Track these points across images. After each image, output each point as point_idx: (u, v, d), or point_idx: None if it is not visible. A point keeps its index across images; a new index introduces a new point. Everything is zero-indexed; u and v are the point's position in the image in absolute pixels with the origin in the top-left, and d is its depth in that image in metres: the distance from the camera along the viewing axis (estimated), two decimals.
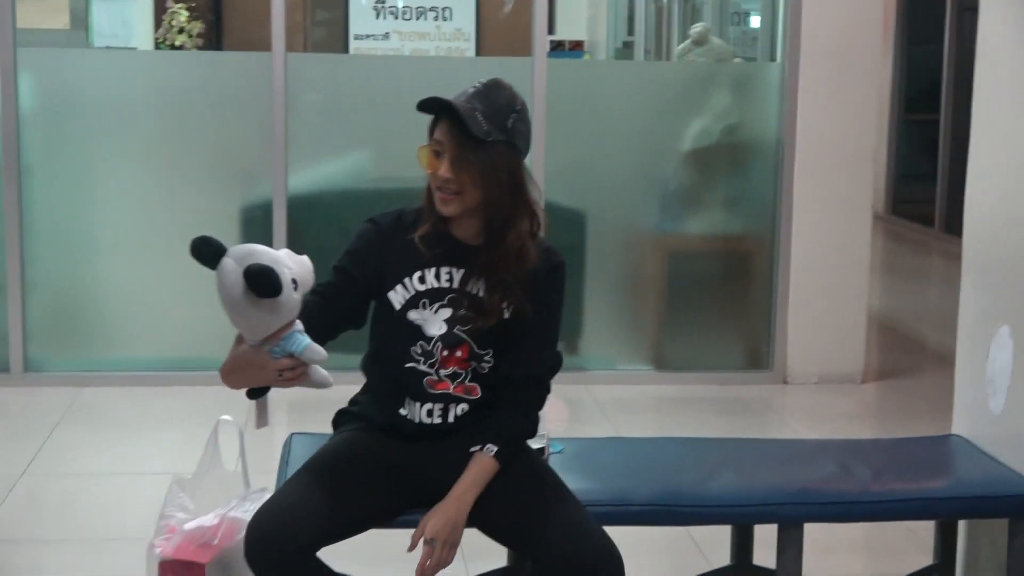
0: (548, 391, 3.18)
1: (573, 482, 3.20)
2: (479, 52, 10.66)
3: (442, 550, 2.95)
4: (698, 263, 6.73)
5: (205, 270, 2.85)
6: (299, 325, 2.89)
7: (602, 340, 6.66)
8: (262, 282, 2.79)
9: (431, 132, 3.06)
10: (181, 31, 9.45)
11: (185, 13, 9.49)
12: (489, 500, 3.01)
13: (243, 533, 3.21)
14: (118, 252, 6.42)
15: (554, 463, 3.40)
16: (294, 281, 2.85)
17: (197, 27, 9.58)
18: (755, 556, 3.74)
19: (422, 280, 3.08)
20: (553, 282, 3.13)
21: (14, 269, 6.17)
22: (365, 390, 3.23)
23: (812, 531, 3.45)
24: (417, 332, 3.07)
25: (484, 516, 3.02)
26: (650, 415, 6.04)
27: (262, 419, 2.98)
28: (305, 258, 2.95)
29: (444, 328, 3.07)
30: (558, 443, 3.58)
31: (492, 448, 3.04)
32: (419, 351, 3.07)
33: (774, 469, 3.52)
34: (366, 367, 3.21)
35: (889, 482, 3.44)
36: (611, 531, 3.03)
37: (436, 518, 2.97)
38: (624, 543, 3.00)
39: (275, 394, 3.00)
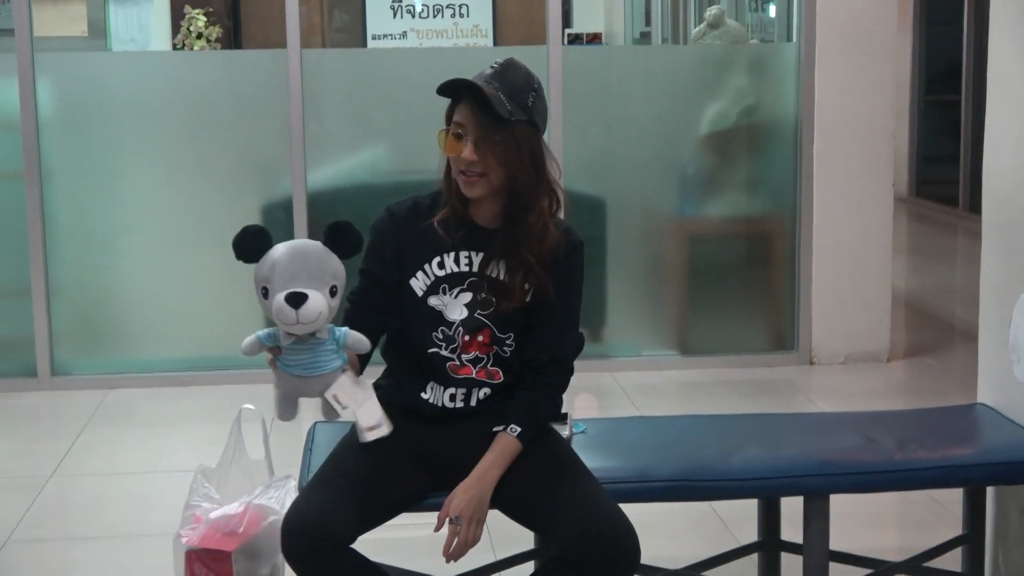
0: (571, 373, 3.18)
1: (596, 461, 3.20)
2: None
3: (468, 528, 2.95)
4: (720, 246, 6.72)
5: (228, 269, 2.87)
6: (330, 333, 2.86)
7: (626, 327, 6.65)
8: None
9: (449, 116, 3.06)
10: (199, 36, 9.48)
11: (203, 18, 9.52)
12: (507, 479, 3.01)
13: (269, 520, 3.24)
14: (141, 254, 6.44)
15: (577, 443, 3.40)
16: (334, 288, 2.82)
17: (215, 32, 9.61)
18: (783, 532, 3.73)
19: (441, 265, 3.08)
20: (573, 263, 3.13)
21: (38, 274, 6.20)
22: (387, 375, 3.22)
23: (840, 506, 3.44)
24: (438, 317, 3.07)
25: (502, 495, 3.02)
26: (676, 399, 6.02)
27: (288, 411, 2.95)
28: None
29: (465, 313, 3.07)
30: (581, 423, 3.58)
31: (516, 428, 3.04)
32: (441, 336, 3.07)
33: (798, 442, 3.51)
34: (387, 352, 3.21)
35: (914, 451, 3.42)
36: (635, 508, 3.03)
37: (460, 497, 2.97)
38: (651, 522, 3.00)
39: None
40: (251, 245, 2.84)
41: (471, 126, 3.00)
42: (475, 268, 3.08)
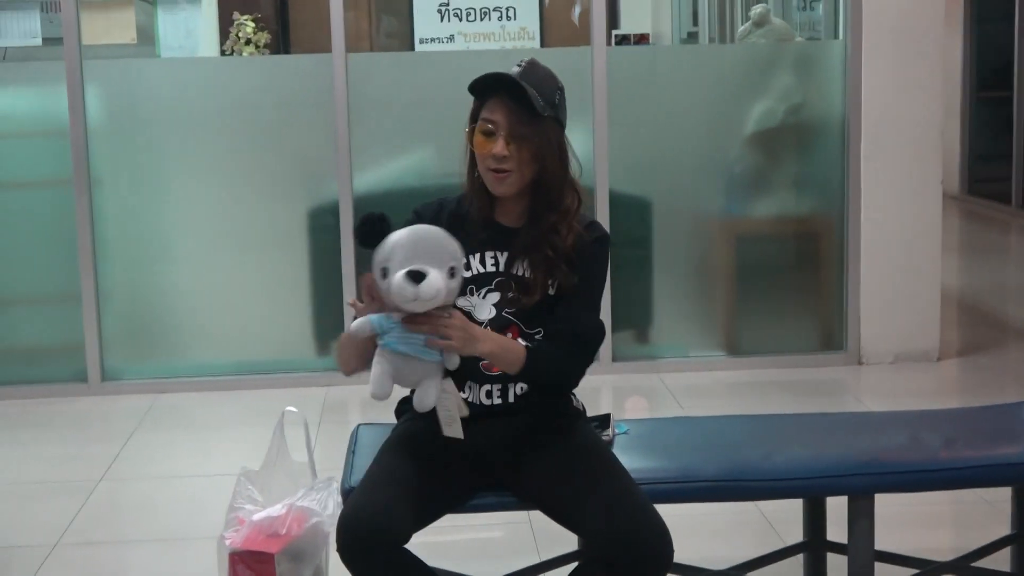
0: (589, 357, 3.12)
1: (639, 461, 3.19)
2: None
3: (449, 327, 2.89)
4: (767, 246, 6.67)
5: (275, 273, 2.92)
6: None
7: (673, 327, 6.63)
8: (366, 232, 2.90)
9: (475, 115, 3.07)
10: (248, 42, 9.52)
11: (251, 24, 9.55)
12: (543, 475, 3.01)
13: (311, 522, 3.25)
14: (189, 259, 6.48)
15: (620, 444, 3.39)
16: (452, 270, 2.88)
17: (263, 38, 9.64)
18: (828, 532, 3.70)
19: (467, 267, 3.08)
20: (596, 254, 3.14)
21: (88, 280, 6.25)
22: None
23: (886, 506, 3.41)
24: (467, 318, 3.08)
25: (538, 492, 3.02)
26: (723, 400, 5.99)
27: (383, 388, 2.92)
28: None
29: (493, 312, 3.08)
30: (623, 424, 3.57)
31: (528, 345, 3.04)
32: None
33: (843, 441, 3.48)
34: None
35: (961, 449, 3.39)
36: (679, 509, 3.02)
37: (468, 326, 2.93)
38: (696, 522, 2.99)
39: (349, 390, 3.01)
40: (373, 230, 2.91)
41: (504, 121, 3.03)
42: (501, 267, 3.11)
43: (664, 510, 2.99)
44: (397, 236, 2.88)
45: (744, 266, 6.63)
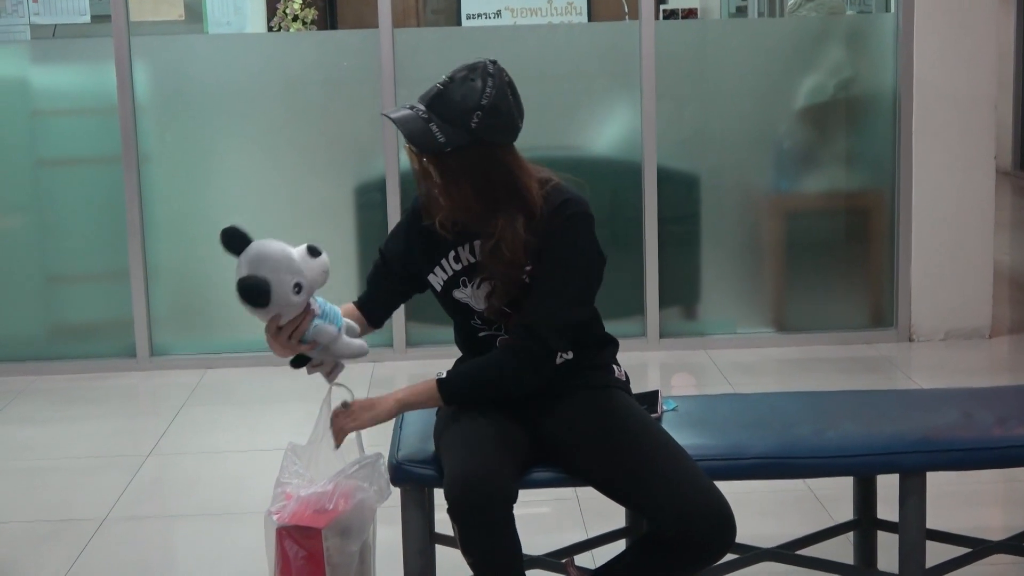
0: (540, 352, 2.99)
1: (688, 438, 3.16)
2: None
3: (346, 418, 3.08)
4: (817, 222, 6.62)
5: (325, 250, 2.99)
6: (319, 310, 3.06)
7: (721, 304, 6.59)
8: (249, 296, 2.95)
9: None
10: (295, 19, 9.52)
11: (299, 1, 9.56)
12: (596, 453, 2.98)
13: (358, 498, 3.23)
14: None
15: (668, 421, 3.36)
16: (298, 285, 2.96)
17: (311, 14, 9.65)
18: (879, 511, 3.67)
19: (457, 259, 3.07)
20: (566, 233, 2.98)
21: (136, 257, 6.28)
22: (462, 359, 3.24)
23: (938, 484, 3.37)
24: (467, 309, 3.09)
25: (591, 469, 2.99)
26: (772, 377, 5.96)
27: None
28: (320, 260, 3.00)
29: (485, 304, 3.06)
30: (671, 401, 3.54)
31: (442, 374, 3.04)
32: (479, 322, 3.10)
33: (894, 419, 3.44)
34: (456, 339, 3.25)
35: (1014, 427, 3.33)
36: (728, 486, 2.99)
37: (362, 401, 3.10)
38: (745, 500, 2.96)
39: (394, 367, 3.04)
40: (232, 244, 3.07)
41: (412, 156, 3.00)
42: (477, 255, 3.05)
43: None
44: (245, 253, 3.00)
45: (793, 242, 6.57)
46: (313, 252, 2.99)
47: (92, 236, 6.40)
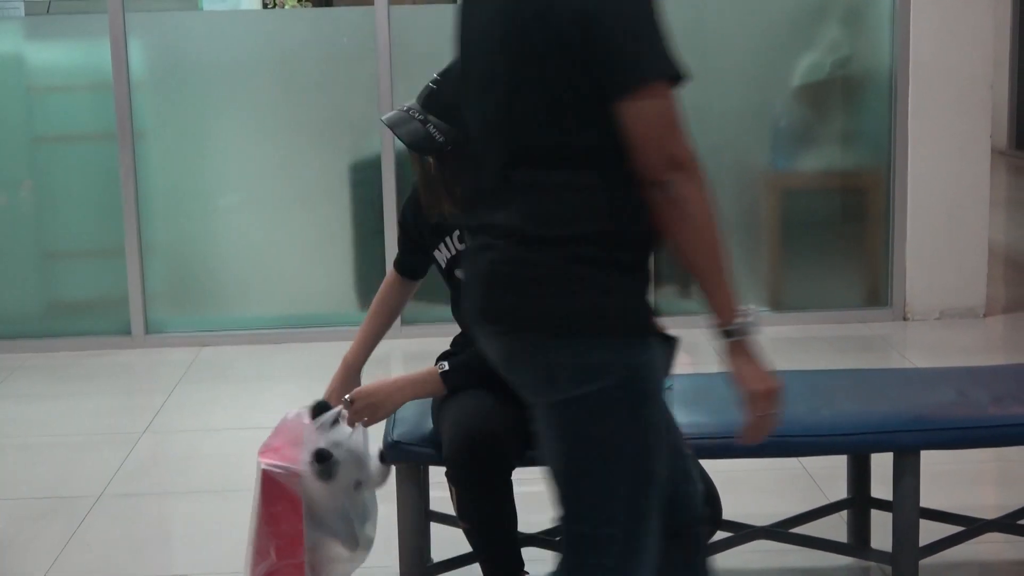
0: None
1: (683, 417, 3.14)
2: None
3: (355, 415, 3.04)
4: (813, 201, 6.62)
5: (318, 227, 2.98)
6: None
7: None
8: (320, 470, 2.96)
9: None
10: None
11: None
12: None
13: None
14: (232, 212, 6.49)
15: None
16: (358, 482, 2.99)
17: None
18: (873, 489, 3.67)
19: (461, 239, 3.08)
20: None
21: (132, 234, 6.27)
22: (460, 335, 3.24)
23: (932, 463, 3.38)
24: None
25: None
26: (767, 355, 5.94)
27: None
28: (388, 469, 3.06)
29: None
30: (667, 379, 3.53)
31: (444, 365, 3.06)
32: None
33: (889, 397, 3.44)
34: (453, 313, 3.23)
35: (1009, 406, 3.33)
36: (723, 465, 2.99)
37: (365, 389, 3.08)
38: (740, 478, 2.97)
39: (388, 345, 3.04)
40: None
41: (411, 157, 3.03)
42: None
43: (708, 465, 2.98)
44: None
45: (789, 221, 6.57)
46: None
47: (87, 213, 6.39)
